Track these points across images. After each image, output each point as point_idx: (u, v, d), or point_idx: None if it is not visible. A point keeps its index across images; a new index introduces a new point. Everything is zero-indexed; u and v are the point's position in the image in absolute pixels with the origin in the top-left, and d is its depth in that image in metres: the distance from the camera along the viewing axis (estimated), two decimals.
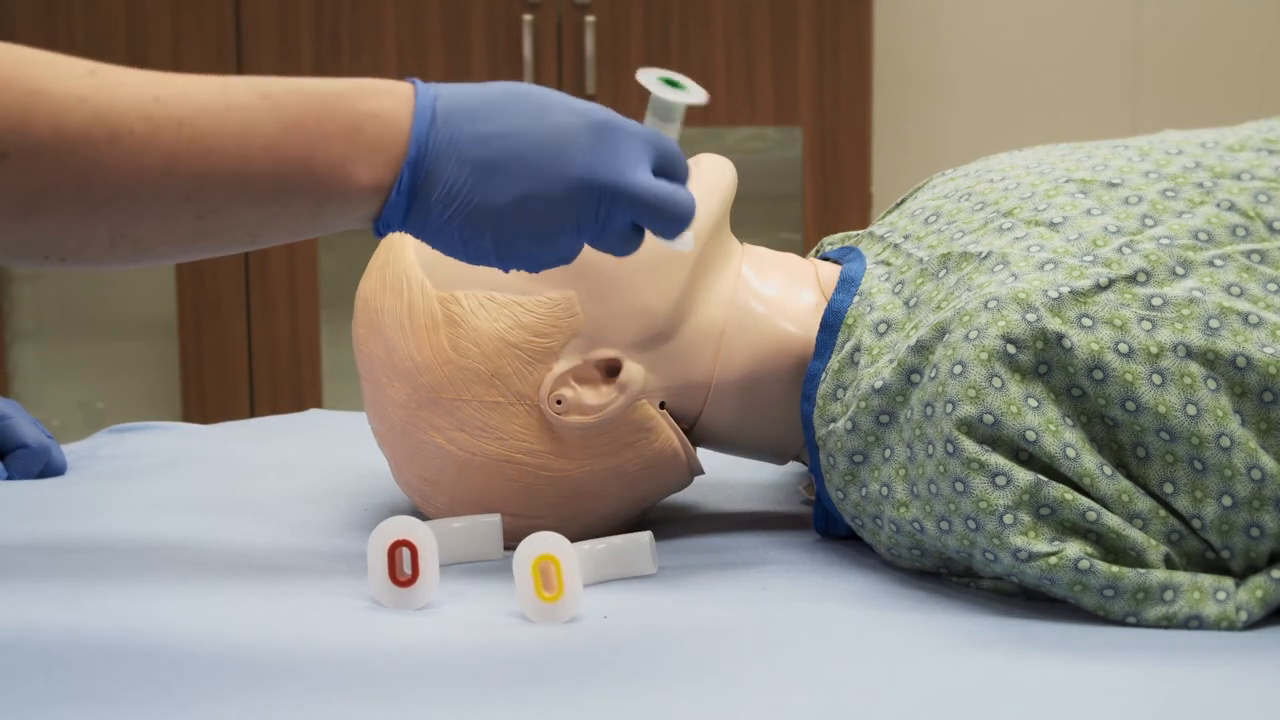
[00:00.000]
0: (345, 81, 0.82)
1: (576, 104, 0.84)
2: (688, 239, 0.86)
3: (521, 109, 0.83)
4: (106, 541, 0.99)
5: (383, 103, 0.81)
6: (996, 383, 0.87)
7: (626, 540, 0.95)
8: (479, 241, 0.82)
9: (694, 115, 3.01)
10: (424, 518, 1.04)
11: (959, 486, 0.87)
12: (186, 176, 0.78)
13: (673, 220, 0.84)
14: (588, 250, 0.99)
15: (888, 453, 0.93)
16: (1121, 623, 0.86)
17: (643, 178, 0.83)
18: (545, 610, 0.85)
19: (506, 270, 0.85)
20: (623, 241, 0.85)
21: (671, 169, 0.85)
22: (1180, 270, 0.90)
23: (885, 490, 0.93)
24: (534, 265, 0.84)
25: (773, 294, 1.03)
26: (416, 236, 0.83)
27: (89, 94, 0.76)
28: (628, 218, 0.83)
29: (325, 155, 0.80)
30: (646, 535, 0.95)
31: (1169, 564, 0.87)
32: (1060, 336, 0.87)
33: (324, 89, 0.81)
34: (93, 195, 0.77)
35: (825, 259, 1.10)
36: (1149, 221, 0.93)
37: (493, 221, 0.81)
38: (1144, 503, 0.87)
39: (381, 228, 0.82)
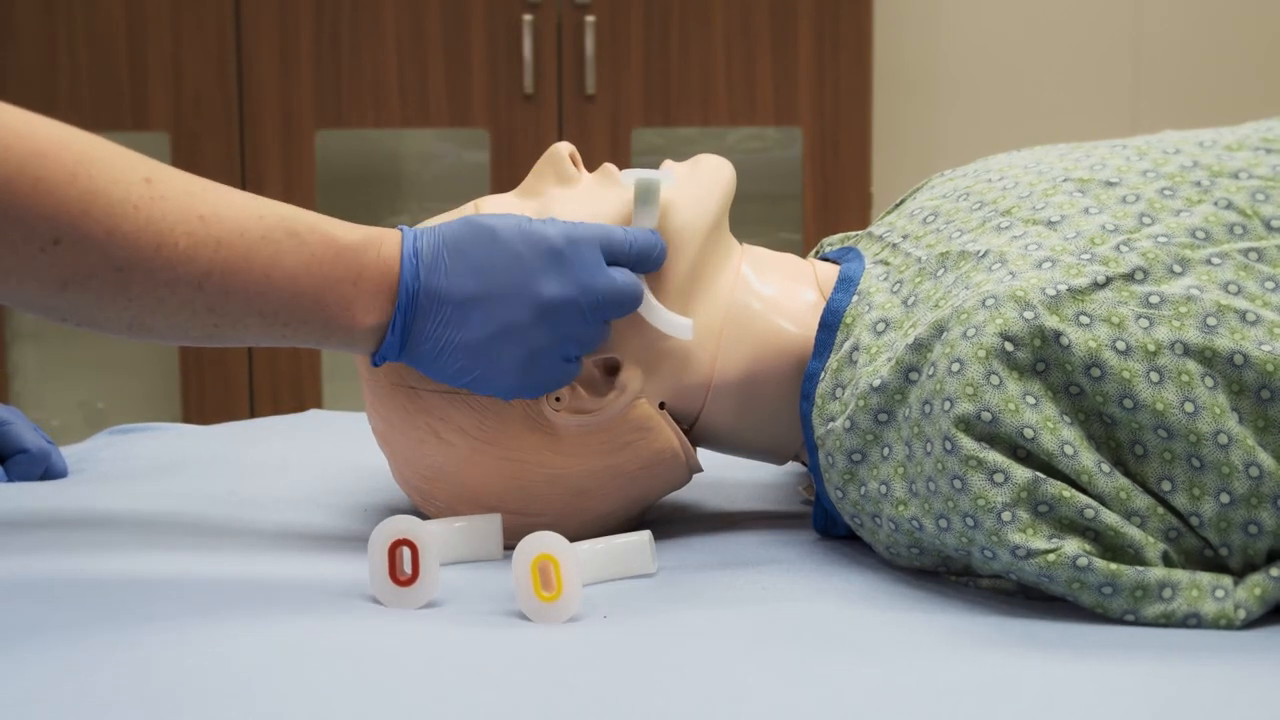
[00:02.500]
0: (357, 230, 0.94)
1: (532, 233, 0.94)
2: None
3: (482, 241, 0.93)
4: (107, 542, 0.99)
5: (381, 252, 0.93)
6: (994, 380, 0.87)
7: (626, 540, 0.95)
8: (471, 374, 0.94)
9: (694, 115, 3.02)
10: (424, 517, 1.04)
11: (957, 484, 0.87)
12: (213, 291, 0.89)
13: (625, 307, 0.95)
14: None
15: (886, 451, 0.93)
16: (1120, 620, 0.86)
17: (600, 281, 0.94)
18: (545, 610, 0.85)
19: (509, 399, 0.97)
20: (589, 343, 0.96)
21: (620, 254, 0.96)
22: (1178, 268, 0.90)
23: (884, 489, 0.93)
24: (528, 392, 0.96)
25: (772, 293, 1.03)
26: (416, 368, 0.95)
27: (143, 204, 0.86)
28: (594, 320, 0.94)
29: (335, 295, 0.92)
30: (646, 535, 0.95)
31: (1167, 561, 0.87)
32: (1058, 334, 0.87)
33: (341, 233, 0.93)
34: (128, 290, 0.87)
35: (824, 259, 1.10)
36: (1147, 220, 0.93)
37: (474, 358, 0.93)
38: (1142, 500, 0.87)
39: (378, 360, 0.95)
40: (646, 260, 0.97)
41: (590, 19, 2.96)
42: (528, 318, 0.93)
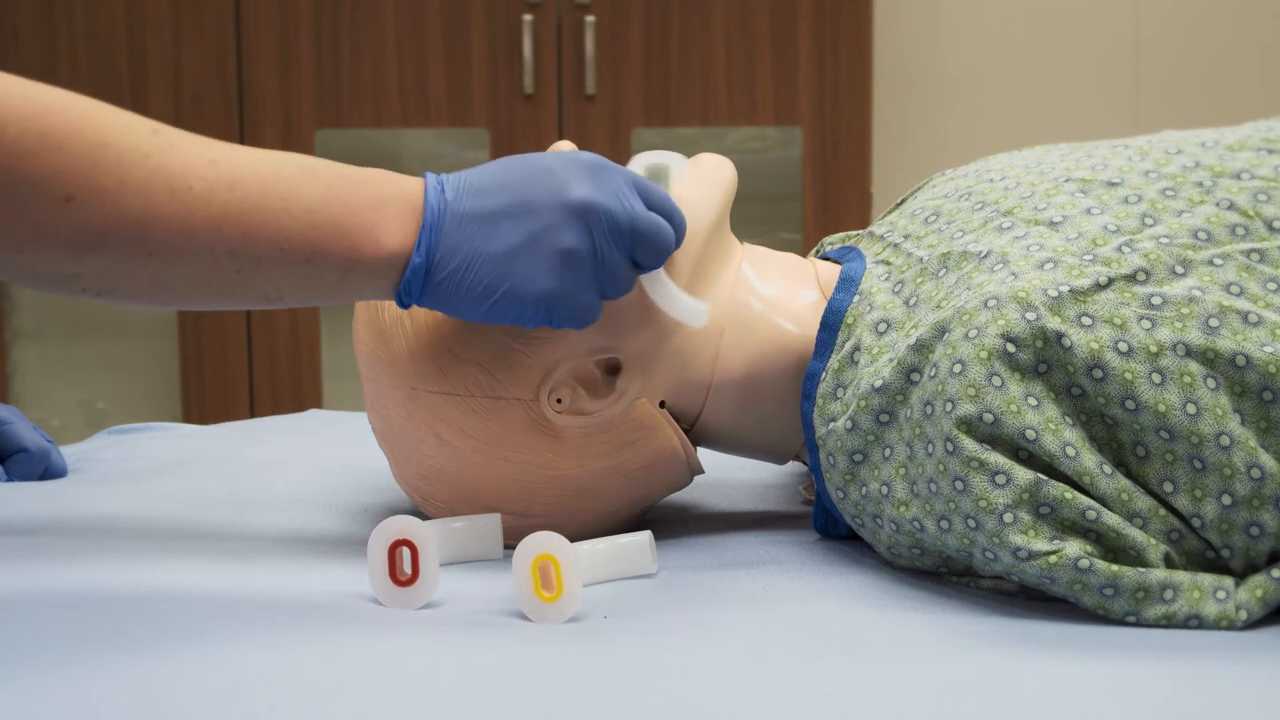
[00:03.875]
0: (371, 170, 0.92)
1: (565, 153, 0.93)
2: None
3: (513, 164, 0.92)
4: (106, 542, 0.99)
5: (403, 184, 0.91)
6: (996, 381, 0.87)
7: (627, 540, 0.95)
8: (496, 294, 0.90)
9: (694, 115, 3.01)
10: (424, 517, 1.04)
11: (959, 485, 0.87)
12: (232, 232, 0.86)
13: (660, 251, 0.93)
14: None
15: (888, 452, 0.93)
16: (1121, 622, 0.86)
17: (635, 205, 0.92)
18: (545, 610, 0.85)
19: (531, 326, 0.92)
20: (617, 276, 0.92)
21: (658, 206, 0.94)
22: (1180, 269, 0.90)
23: (885, 489, 0.93)
24: (551, 317, 0.92)
25: (773, 293, 1.03)
26: (437, 307, 0.92)
27: (152, 151, 0.85)
28: (625, 247, 0.91)
29: (357, 221, 0.89)
30: (646, 535, 0.95)
31: (1169, 563, 0.87)
32: (1060, 335, 0.87)
33: (354, 170, 0.91)
34: (145, 241, 0.85)
35: (825, 259, 1.10)
36: (1149, 221, 0.93)
37: (504, 268, 0.90)
38: (1144, 501, 0.87)
39: (403, 294, 0.91)
40: (671, 222, 0.95)
41: (590, 19, 2.96)
42: (559, 218, 0.90)
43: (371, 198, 0.89)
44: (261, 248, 0.87)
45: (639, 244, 0.92)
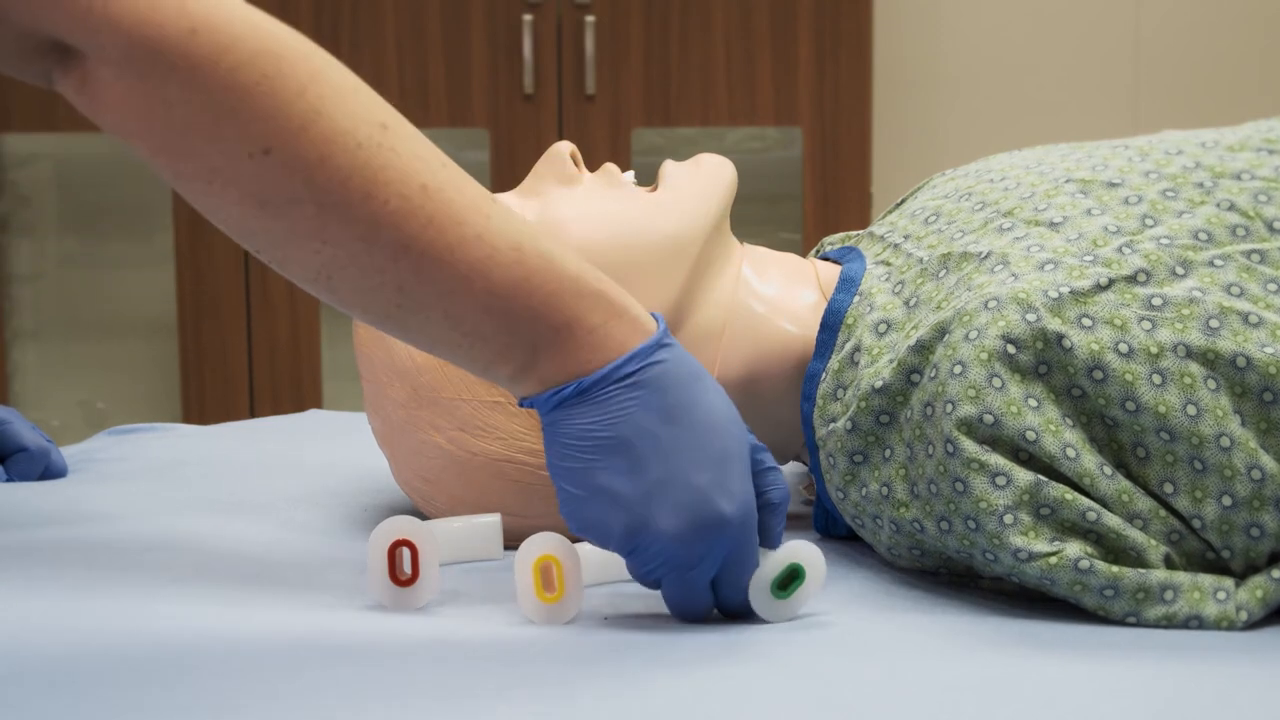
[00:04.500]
0: (604, 282, 0.83)
1: (739, 509, 0.82)
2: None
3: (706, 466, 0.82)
4: (107, 542, 0.99)
5: (638, 318, 0.83)
6: (996, 383, 0.87)
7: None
8: (579, 490, 0.82)
9: (694, 115, 3.01)
10: (424, 518, 1.04)
11: (959, 486, 0.87)
12: (406, 270, 0.80)
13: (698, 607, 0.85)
14: (587, 250, 0.99)
15: (888, 453, 0.93)
16: (1121, 622, 0.86)
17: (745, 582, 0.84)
18: (546, 611, 0.85)
19: (607, 543, 0.83)
20: (690, 594, 0.84)
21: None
22: (1180, 270, 0.90)
23: (885, 490, 0.93)
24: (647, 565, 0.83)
25: (773, 294, 1.03)
26: (551, 432, 0.83)
27: (367, 145, 0.79)
28: (713, 570, 0.83)
29: (527, 332, 0.81)
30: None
31: (1169, 564, 0.87)
32: (1060, 336, 0.87)
33: (578, 270, 0.82)
34: (324, 231, 0.79)
35: (825, 259, 1.10)
36: (1149, 221, 0.93)
37: (645, 498, 0.81)
38: (1144, 503, 0.87)
39: (544, 399, 0.82)
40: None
41: (590, 19, 2.96)
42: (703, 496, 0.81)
43: (563, 319, 0.81)
44: (428, 299, 0.81)
45: (727, 584, 0.84)
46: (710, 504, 0.81)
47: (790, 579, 0.85)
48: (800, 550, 0.85)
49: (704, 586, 0.83)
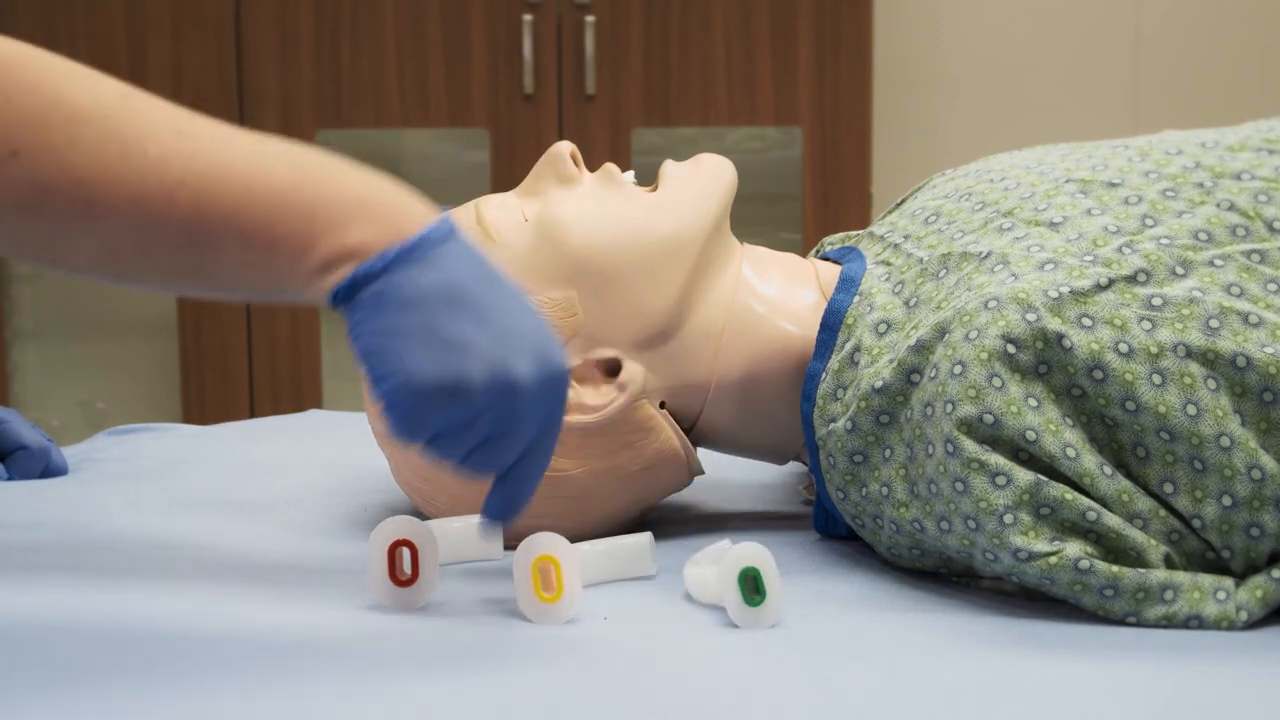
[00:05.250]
0: (377, 177, 0.82)
1: (537, 382, 0.80)
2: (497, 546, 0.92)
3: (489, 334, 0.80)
4: (107, 541, 0.99)
5: (411, 202, 0.81)
6: (996, 383, 0.87)
7: (626, 541, 0.95)
8: (386, 349, 0.78)
9: (694, 115, 3.01)
10: (424, 518, 1.04)
11: (959, 486, 0.87)
12: (185, 204, 0.79)
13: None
14: (587, 249, 0.99)
15: (888, 453, 0.93)
16: (1121, 622, 0.86)
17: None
18: (545, 611, 0.85)
19: (384, 398, 0.79)
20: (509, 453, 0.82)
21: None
22: (1180, 270, 0.90)
23: (885, 490, 0.93)
24: (408, 414, 0.79)
25: (773, 294, 1.03)
26: (350, 312, 0.80)
27: (111, 111, 0.79)
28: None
29: (327, 214, 0.79)
30: (647, 536, 0.95)
31: (1169, 564, 0.87)
32: (1060, 336, 0.87)
33: (351, 168, 0.81)
34: (91, 205, 0.78)
35: (825, 259, 1.10)
36: (1149, 221, 0.93)
37: (412, 351, 0.78)
38: (1144, 503, 0.87)
39: (338, 293, 0.79)
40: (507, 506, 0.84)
41: (590, 19, 2.96)
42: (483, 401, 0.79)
43: (353, 197, 0.80)
44: (215, 225, 0.79)
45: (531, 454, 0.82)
46: (552, 356, 0.80)
47: (753, 587, 0.84)
48: (755, 555, 0.84)
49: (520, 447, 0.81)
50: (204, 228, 0.79)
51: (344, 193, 0.81)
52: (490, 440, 0.80)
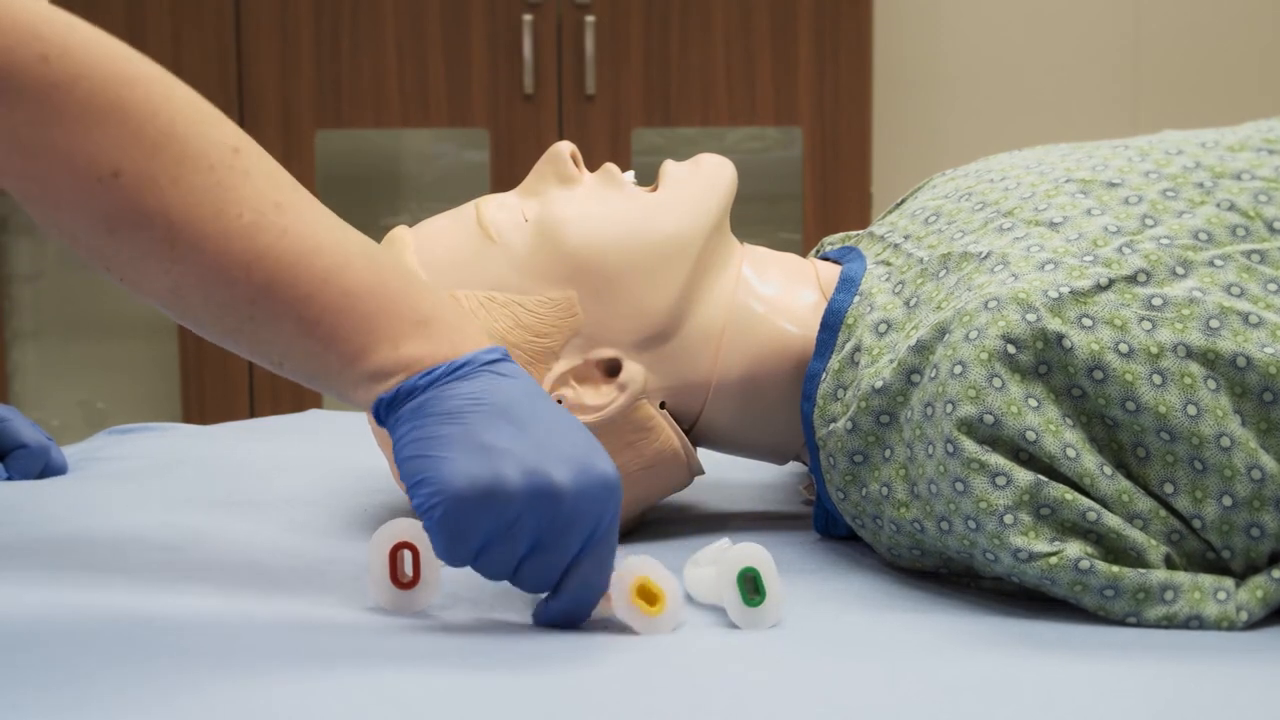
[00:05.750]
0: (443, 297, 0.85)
1: (585, 490, 0.81)
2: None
3: (536, 446, 0.81)
4: (106, 540, 0.99)
5: (466, 326, 0.84)
6: (997, 383, 0.87)
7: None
8: (426, 458, 0.80)
9: (694, 115, 3.01)
10: None
11: (959, 486, 0.87)
12: (259, 279, 0.81)
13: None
14: (588, 250, 0.99)
15: (888, 453, 0.93)
16: (1122, 623, 0.86)
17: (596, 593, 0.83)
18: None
19: (423, 511, 0.80)
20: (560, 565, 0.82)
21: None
22: (1180, 270, 0.90)
23: (885, 490, 0.93)
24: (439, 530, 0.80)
25: (773, 294, 1.03)
26: (392, 425, 0.82)
27: (220, 167, 0.81)
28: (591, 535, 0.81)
29: (386, 325, 0.82)
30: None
31: (1169, 564, 0.87)
32: (1060, 336, 0.87)
33: (427, 289, 0.84)
34: (174, 247, 0.80)
35: (825, 259, 1.10)
36: (1149, 221, 0.93)
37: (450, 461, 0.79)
38: (1144, 503, 0.87)
39: (382, 402, 0.82)
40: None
41: (590, 19, 2.96)
42: (526, 531, 0.80)
43: (418, 312, 0.83)
44: (280, 307, 0.82)
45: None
46: (596, 464, 0.80)
47: (753, 587, 0.84)
48: (754, 554, 0.85)
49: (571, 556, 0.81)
50: (272, 305, 0.82)
51: (411, 306, 0.83)
52: (536, 550, 0.81)
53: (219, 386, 3.02)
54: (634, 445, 1.00)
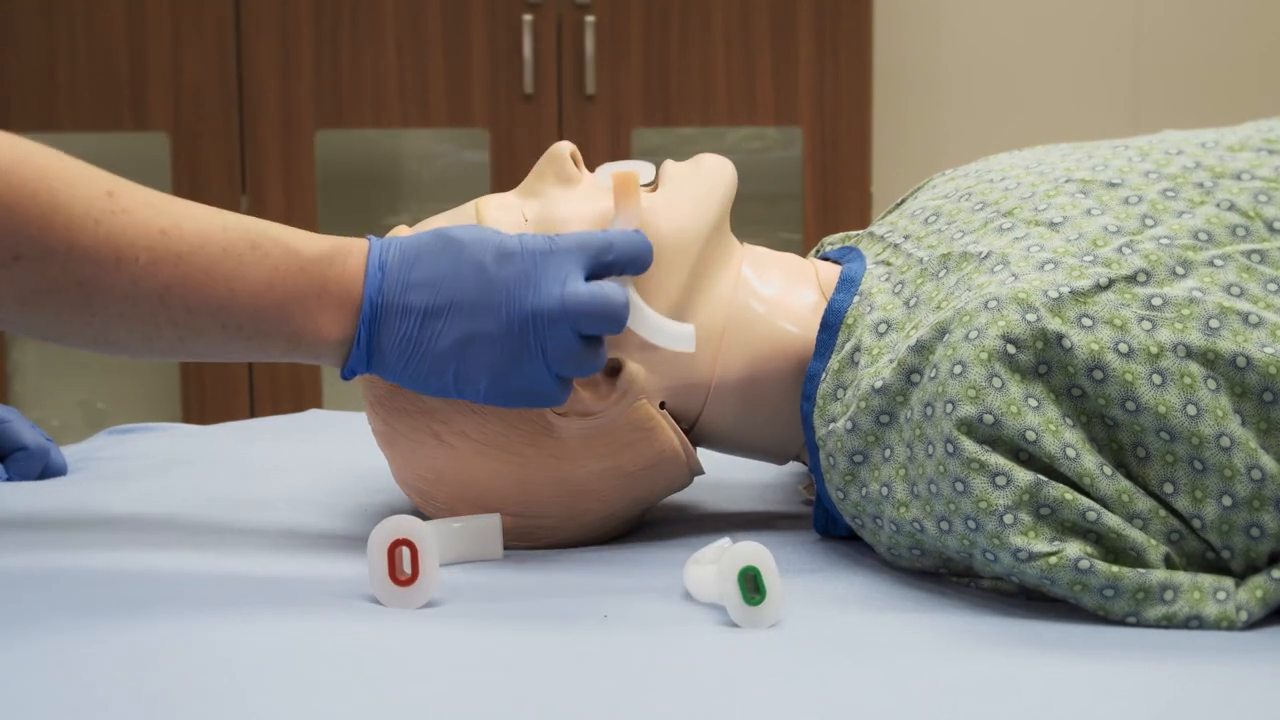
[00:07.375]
0: (323, 241, 0.93)
1: (498, 243, 0.92)
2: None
3: (444, 252, 0.92)
4: (106, 541, 0.99)
5: (346, 265, 0.92)
6: (996, 383, 0.87)
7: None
8: (440, 379, 0.92)
9: (694, 115, 3.01)
10: (424, 517, 1.04)
11: (959, 486, 0.87)
12: (176, 305, 0.88)
13: (609, 321, 0.91)
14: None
15: (888, 453, 0.93)
16: (1121, 623, 0.86)
17: (569, 291, 0.90)
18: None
19: (484, 403, 0.93)
20: (580, 358, 0.92)
21: (607, 264, 0.93)
22: (1180, 270, 0.90)
23: (885, 490, 0.93)
24: (504, 400, 0.93)
25: (773, 294, 1.03)
26: (386, 379, 0.94)
27: (103, 218, 0.86)
28: (568, 332, 0.91)
29: (299, 309, 0.91)
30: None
31: (1169, 564, 0.87)
32: (1060, 336, 0.87)
33: (303, 244, 0.92)
34: (90, 304, 0.87)
35: (825, 259, 1.10)
36: (1149, 221, 0.93)
37: (444, 362, 0.91)
38: (1144, 503, 0.87)
39: (348, 373, 0.94)
40: (633, 264, 0.95)
41: (590, 19, 2.96)
42: (494, 327, 0.91)
43: (315, 282, 0.91)
44: (204, 321, 0.89)
45: (581, 324, 0.91)
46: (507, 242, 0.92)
47: (753, 586, 0.85)
48: (754, 553, 0.85)
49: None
50: (194, 323, 0.89)
51: (307, 278, 0.91)
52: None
53: (219, 386, 3.02)
54: (634, 445, 1.00)
